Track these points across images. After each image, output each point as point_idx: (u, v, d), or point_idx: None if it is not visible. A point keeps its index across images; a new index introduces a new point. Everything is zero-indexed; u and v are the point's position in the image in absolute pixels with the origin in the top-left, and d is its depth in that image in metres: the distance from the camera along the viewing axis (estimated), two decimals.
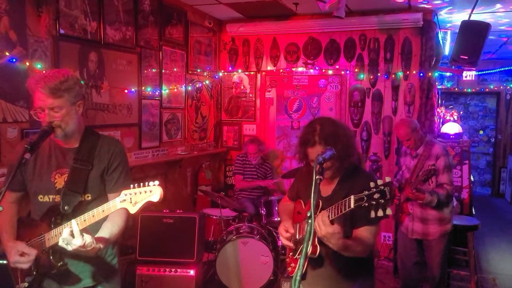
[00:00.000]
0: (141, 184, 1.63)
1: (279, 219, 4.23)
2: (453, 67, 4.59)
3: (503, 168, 8.71)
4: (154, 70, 4.32)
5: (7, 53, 2.79)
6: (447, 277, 3.78)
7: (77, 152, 1.90)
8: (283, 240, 1.96)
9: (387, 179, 1.47)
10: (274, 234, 4.31)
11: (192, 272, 3.50)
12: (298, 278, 1.18)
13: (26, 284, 1.81)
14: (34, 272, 1.83)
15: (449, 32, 5.57)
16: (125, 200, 1.62)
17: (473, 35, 4.12)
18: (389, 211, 1.46)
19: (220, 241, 4.15)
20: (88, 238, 1.67)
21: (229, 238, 4.02)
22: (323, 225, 1.60)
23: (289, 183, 5.37)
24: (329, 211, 1.65)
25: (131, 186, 1.64)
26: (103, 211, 1.68)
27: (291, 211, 2.12)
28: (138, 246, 3.56)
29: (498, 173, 8.81)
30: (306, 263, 1.86)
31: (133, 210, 1.62)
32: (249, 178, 4.92)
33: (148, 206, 4.24)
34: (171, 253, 3.54)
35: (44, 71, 1.86)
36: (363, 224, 1.79)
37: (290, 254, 2.05)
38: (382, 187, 1.45)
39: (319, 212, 1.77)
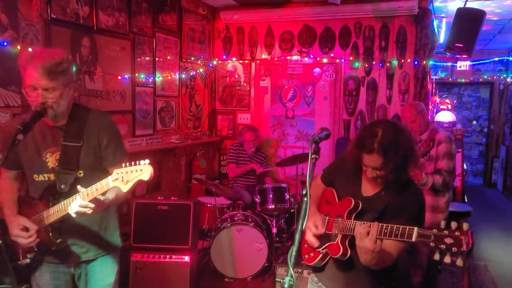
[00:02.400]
0: (132, 163, 1.64)
1: (273, 206, 4.25)
2: (448, 55, 4.59)
3: (496, 158, 8.79)
4: (147, 58, 4.28)
5: None
6: (438, 263, 3.82)
7: (66, 130, 1.90)
8: (309, 235, 1.77)
9: (465, 226, 1.30)
10: (269, 222, 4.33)
11: (187, 259, 3.49)
12: (293, 253, 1.18)
13: (27, 260, 1.85)
14: (36, 249, 1.87)
15: (444, 20, 5.56)
16: (117, 179, 1.63)
17: (468, 23, 4.12)
18: (460, 262, 1.30)
19: (214, 228, 4.16)
20: (95, 202, 1.71)
21: (224, 226, 4.02)
22: (367, 239, 1.48)
23: (283, 171, 5.40)
24: (381, 229, 1.50)
25: (123, 165, 1.65)
26: (96, 189, 1.69)
27: (320, 196, 1.98)
28: (132, 233, 3.55)
29: (491, 163, 8.89)
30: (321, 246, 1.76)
31: (125, 188, 1.63)
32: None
33: (143, 193, 4.18)
34: (165, 240, 3.53)
35: (37, 49, 1.85)
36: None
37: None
38: (458, 234, 1.28)
39: (356, 212, 1.67)
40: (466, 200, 4.91)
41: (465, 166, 5.10)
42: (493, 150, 8.86)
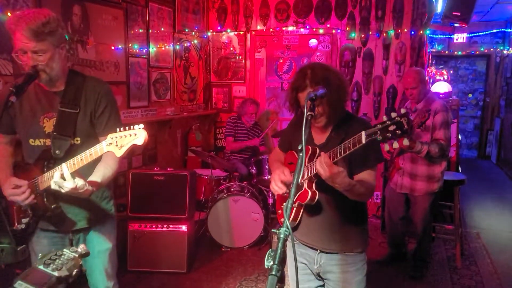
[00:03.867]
0: (127, 127, 1.62)
1: (269, 177, 4.28)
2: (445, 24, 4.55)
3: (490, 131, 8.83)
4: (141, 30, 4.20)
5: None
6: (432, 231, 3.88)
7: (63, 96, 1.87)
8: (277, 184, 1.79)
9: (402, 110, 1.40)
10: (265, 192, 4.37)
11: (184, 228, 3.53)
12: (289, 206, 1.19)
13: (23, 226, 1.85)
14: (30, 214, 1.87)
15: None
16: (111, 143, 1.61)
17: None
18: (406, 142, 1.41)
19: (211, 199, 4.19)
20: (79, 181, 1.67)
21: (220, 196, 4.06)
22: (327, 166, 1.54)
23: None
24: (332, 153, 1.59)
25: (117, 129, 1.62)
26: (90, 154, 1.67)
27: (282, 160, 2.07)
28: (130, 203, 3.57)
29: (485, 136, 8.94)
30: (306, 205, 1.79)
31: (119, 153, 1.61)
32: (240, 140, 4.91)
33: (139, 165, 4.13)
34: (162, 210, 3.56)
35: (24, 11, 1.75)
36: (362, 168, 1.76)
37: (284, 205, 1.96)
38: (398, 118, 1.37)
39: (316, 157, 1.71)
40: (460, 171, 4.96)
41: (459, 137, 5.12)
42: (488, 123, 8.89)
